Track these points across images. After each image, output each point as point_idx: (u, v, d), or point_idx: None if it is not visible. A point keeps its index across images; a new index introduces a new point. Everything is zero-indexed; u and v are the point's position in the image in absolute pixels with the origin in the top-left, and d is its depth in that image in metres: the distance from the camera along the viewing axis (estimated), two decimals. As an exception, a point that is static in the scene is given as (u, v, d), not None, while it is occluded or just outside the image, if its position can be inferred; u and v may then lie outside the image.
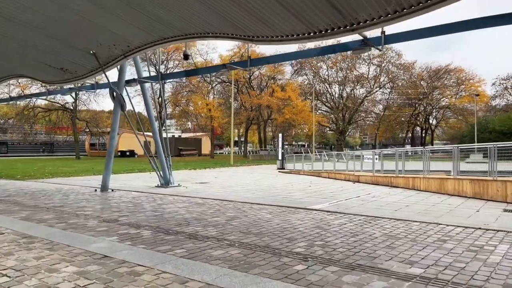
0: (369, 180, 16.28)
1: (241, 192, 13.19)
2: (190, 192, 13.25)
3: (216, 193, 13.01)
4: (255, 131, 70.96)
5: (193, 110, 54.98)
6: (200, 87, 50.65)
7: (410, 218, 8.15)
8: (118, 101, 13.60)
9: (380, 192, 13.17)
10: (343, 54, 61.07)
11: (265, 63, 9.58)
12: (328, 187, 15.24)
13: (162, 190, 13.72)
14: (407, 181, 14.29)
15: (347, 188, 14.55)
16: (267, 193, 13.11)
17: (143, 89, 14.37)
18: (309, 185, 15.75)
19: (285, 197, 11.80)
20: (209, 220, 7.77)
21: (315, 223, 7.54)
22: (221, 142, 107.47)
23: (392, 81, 63.81)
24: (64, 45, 12.32)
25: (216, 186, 15.71)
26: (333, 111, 63.74)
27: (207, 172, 25.13)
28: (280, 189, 14.48)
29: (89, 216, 8.19)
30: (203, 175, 21.79)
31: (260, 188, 14.88)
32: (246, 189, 14.46)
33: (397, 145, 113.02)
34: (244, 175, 21.87)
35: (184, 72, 11.55)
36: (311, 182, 17.48)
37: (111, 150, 13.67)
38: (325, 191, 13.47)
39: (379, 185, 15.61)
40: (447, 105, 64.48)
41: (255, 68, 54.95)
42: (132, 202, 10.47)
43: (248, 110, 52.49)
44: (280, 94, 48.55)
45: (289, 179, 19.09)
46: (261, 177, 20.81)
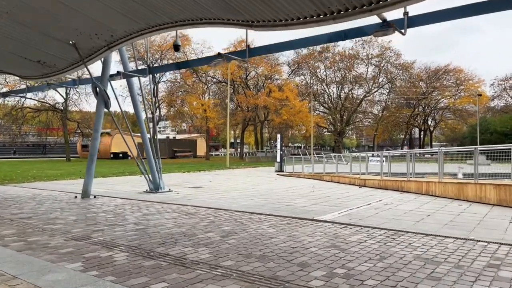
0: (377, 184, 15.03)
1: (238, 199, 11.88)
2: (181, 199, 11.92)
3: (210, 200, 11.69)
4: (252, 132, 69.70)
5: (188, 111, 53.58)
6: (195, 88, 49.28)
7: (439, 232, 6.89)
8: (102, 97, 12.26)
9: (392, 199, 11.91)
10: (341, 53, 60.12)
11: (265, 52, 8.47)
12: (333, 192, 13.96)
13: (151, 197, 12.38)
14: (420, 186, 13.05)
15: (354, 194, 13.28)
16: (267, 199, 11.81)
17: (130, 84, 13.03)
18: (312, 190, 14.46)
19: (288, 205, 10.50)
20: (200, 236, 6.46)
21: (328, 240, 6.25)
22: (217, 143, 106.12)
23: (390, 82, 62.81)
24: (39, 34, 10.97)
25: (211, 191, 14.39)
26: (331, 112, 62.61)
27: (201, 175, 23.80)
28: (281, 194, 13.19)
29: (57, 232, 6.85)
30: (197, 179, 20.46)
31: (258, 193, 13.57)
32: (244, 194, 13.15)
33: (393, 147, 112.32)
34: (240, 179, 20.56)
35: (174, 64, 10.30)
36: (314, 186, 16.20)
37: (93, 152, 12.31)
38: (331, 197, 12.19)
39: (388, 189, 14.36)
40: (447, 106, 63.52)
41: (251, 68, 53.74)
42: (113, 212, 9.13)
43: (245, 110, 51.21)
44: (277, 94, 47.28)
45: (289, 183, 17.80)
46: (259, 180, 19.51)
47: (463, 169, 17.48)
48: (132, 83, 13.00)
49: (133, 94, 13.09)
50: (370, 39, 59.91)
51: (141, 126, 13.52)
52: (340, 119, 61.15)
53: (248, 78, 55.91)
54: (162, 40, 45.32)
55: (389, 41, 60.06)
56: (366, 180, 15.70)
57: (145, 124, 14.77)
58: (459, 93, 62.28)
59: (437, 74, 62.70)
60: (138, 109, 13.30)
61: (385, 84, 63.35)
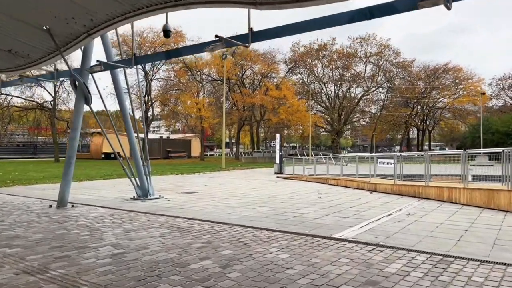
0: (390, 189, 13.61)
1: (238, 208, 10.39)
2: (172, 208, 10.41)
3: (206, 209, 10.20)
4: (247, 132, 68.18)
5: (182, 110, 51.86)
6: (189, 86, 47.65)
7: (494, 257, 5.49)
8: (81, 91, 10.72)
9: (412, 207, 10.49)
10: (339, 51, 58.82)
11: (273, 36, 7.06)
12: (343, 199, 12.52)
13: (137, 205, 10.87)
14: (441, 192, 11.65)
15: (368, 201, 11.85)
16: (270, 208, 10.34)
17: (114, 77, 11.48)
18: (318, 196, 13.01)
19: (296, 216, 9.04)
20: (193, 267, 4.97)
21: (360, 271, 4.80)
22: (212, 143, 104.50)
23: (389, 81, 61.61)
24: (7, 18, 9.42)
25: (206, 197, 12.89)
26: (328, 111, 61.28)
27: (196, 177, 22.27)
28: (285, 202, 11.72)
29: (9, 259, 5.33)
30: (191, 182, 18.94)
31: (260, 200, 12.10)
32: (243, 202, 11.67)
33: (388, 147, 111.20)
34: (238, 182, 19.07)
35: (164, 53, 8.84)
36: (319, 191, 14.76)
37: (71, 154, 10.76)
38: (342, 206, 10.75)
39: (402, 195, 12.95)
40: (446, 105, 62.41)
41: (247, 65, 52.22)
42: (89, 228, 7.61)
43: (240, 109, 49.67)
44: (275, 92, 45.75)
45: (291, 187, 16.35)
46: (258, 184, 18.04)
47: (472, 171, 16.23)
48: (116, 76, 11.46)
49: (118, 88, 11.54)
50: (368, 37, 58.77)
51: (127, 124, 11.99)
52: (338, 118, 59.84)
53: (244, 77, 54.38)
54: (155, 36, 43.69)
55: (387, 39, 58.96)
56: (377, 185, 14.29)
57: (137, 122, 13.29)
58: (459, 92, 61.17)
59: (436, 73, 61.61)
60: (124, 105, 11.76)
61: (384, 83, 62.15)
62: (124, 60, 10.26)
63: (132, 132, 12.08)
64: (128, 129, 12.01)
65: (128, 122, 11.91)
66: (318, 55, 59.75)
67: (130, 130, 11.99)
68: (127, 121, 11.87)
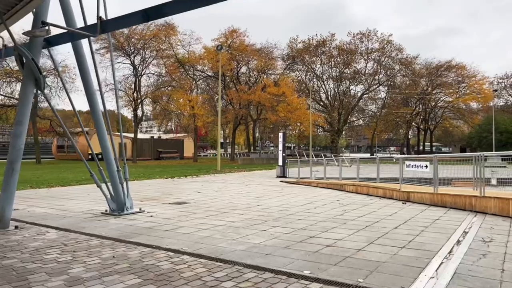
0: (428, 199, 10.94)
1: (243, 229, 7.63)
2: (153, 229, 7.63)
3: (200, 231, 7.43)
4: (243, 131, 65.39)
5: (174, 108, 48.76)
6: (181, 83, 44.65)
7: None
8: (30, 72, 7.89)
9: (477, 228, 7.81)
10: (340, 47, 56.33)
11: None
12: (375, 213, 9.83)
13: (107, 225, 8.07)
14: (505, 205, 8.97)
15: (410, 216, 9.16)
16: (287, 229, 7.60)
17: (77, 51, 8.61)
18: (342, 210, 10.29)
19: (329, 245, 6.31)
20: None
21: None
22: (205, 143, 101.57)
23: (390, 78, 59.16)
24: None
25: (200, 210, 10.11)
26: (328, 110, 58.67)
27: (188, 182, 19.46)
28: (303, 217, 9.00)
29: None
30: (182, 188, 16.14)
31: (269, 215, 9.36)
32: (249, 218, 8.92)
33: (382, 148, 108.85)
34: (238, 188, 16.31)
35: (141, 12, 6.23)
36: (338, 201, 12.05)
37: (14, 158, 7.87)
38: (384, 225, 8.03)
39: (446, 207, 10.28)
40: (449, 103, 60.07)
41: (243, 61, 49.41)
42: (15, 275, 4.80)
43: (236, 108, 46.82)
44: (273, 89, 42.93)
45: (302, 195, 13.62)
46: (262, 191, 15.29)
47: (497, 173, 13.73)
48: (79, 50, 8.60)
49: (82, 66, 8.69)
50: (368, 32, 56.33)
51: (95, 117, 9.16)
52: (338, 117, 57.27)
53: (239, 74, 51.49)
54: (145, 28, 40.71)
55: (389, 35, 56.54)
56: (411, 193, 11.61)
57: (124, 121, 10.54)
58: (463, 90, 58.88)
59: (438, 70, 59.32)
60: (89, 84, 8.90)
61: (385, 81, 59.68)
62: (86, 27, 7.45)
63: (102, 127, 9.27)
64: (98, 123, 9.20)
65: (97, 112, 9.08)
66: (316, 52, 57.15)
67: (99, 125, 9.18)
68: (94, 110, 9.03)
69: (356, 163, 20.50)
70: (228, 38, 44.53)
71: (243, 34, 45.00)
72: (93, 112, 9.10)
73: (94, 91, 8.92)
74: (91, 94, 8.89)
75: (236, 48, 43.77)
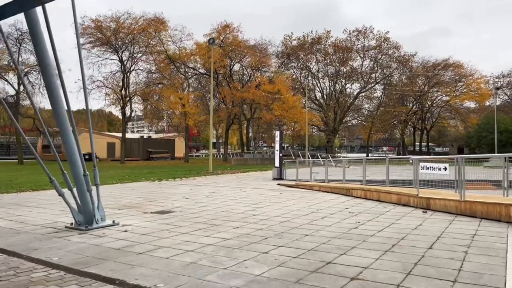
0: (453, 207, 9.38)
1: (238, 252, 6.00)
2: (123, 252, 5.96)
3: (183, 255, 5.78)
4: (235, 131, 63.76)
5: (165, 107, 46.83)
6: (173, 82, 42.77)
7: None
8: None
9: (530, 246, 6.27)
10: (336, 44, 55.04)
11: None
12: (396, 225, 8.26)
13: (67, 244, 6.39)
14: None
15: (440, 230, 7.60)
16: (293, 251, 5.99)
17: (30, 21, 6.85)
18: (356, 221, 8.69)
19: (356, 278, 4.70)
20: None
21: None
22: (198, 144, 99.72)
23: (387, 77, 57.88)
24: None
25: (186, 222, 8.46)
26: (323, 109, 57.18)
27: (176, 185, 17.76)
28: (310, 232, 7.39)
29: None
30: (169, 193, 14.45)
31: (270, 229, 7.74)
32: (245, 234, 7.29)
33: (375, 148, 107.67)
34: (231, 193, 14.65)
35: None
36: (347, 209, 10.46)
37: None
38: (415, 244, 6.45)
39: (477, 217, 8.74)
40: (447, 102, 58.97)
41: (236, 59, 47.71)
42: None
43: (229, 106, 45.10)
44: (268, 86, 41.25)
45: (305, 202, 12.02)
46: (258, 196, 13.65)
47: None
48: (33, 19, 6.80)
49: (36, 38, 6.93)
50: (365, 29, 55.01)
51: (55, 108, 7.44)
52: (333, 116, 55.82)
53: (232, 71, 49.73)
54: (133, 22, 38.86)
55: (386, 32, 55.23)
56: (431, 200, 10.06)
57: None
58: (461, 88, 57.76)
59: (435, 69, 58.19)
60: (48, 71, 7.18)
61: (382, 80, 58.38)
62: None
63: (66, 121, 7.56)
64: (58, 115, 7.48)
65: (58, 101, 7.36)
66: (312, 49, 55.67)
67: (60, 115, 7.46)
68: (54, 99, 7.30)
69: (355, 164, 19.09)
70: (221, 34, 42.75)
71: (236, 29, 43.37)
72: (52, 97, 7.36)
73: (53, 73, 7.19)
74: (50, 76, 7.16)
75: (230, 44, 42.07)
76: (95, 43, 38.38)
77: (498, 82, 64.64)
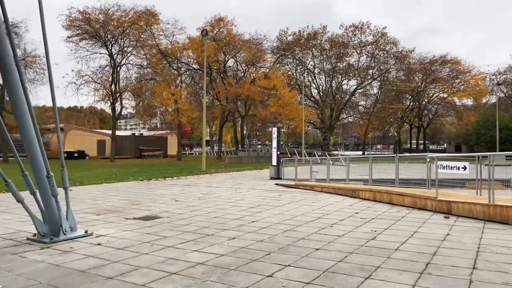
0: (480, 212, 8.20)
1: (234, 274, 4.76)
2: (88, 276, 4.67)
3: (164, 280, 4.52)
4: (230, 128, 62.38)
5: (157, 104, 45.22)
6: (164, 74, 41.28)
7: None
8: None
9: None
10: (332, 39, 53.95)
11: None
12: (421, 236, 7.08)
13: (22, 263, 5.07)
14: None
15: (475, 242, 6.43)
16: (307, 275, 4.76)
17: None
18: (372, 229, 7.48)
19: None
20: None
21: None
22: (191, 141, 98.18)
23: (384, 73, 56.85)
24: None
25: (173, 232, 7.19)
26: (319, 106, 56.02)
27: (166, 185, 16.45)
28: (321, 245, 6.17)
29: None
30: (157, 194, 13.14)
31: (273, 241, 6.51)
32: (242, 247, 6.06)
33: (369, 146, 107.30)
34: (225, 194, 13.39)
35: None
36: (357, 213, 9.25)
37: None
38: (455, 263, 5.25)
39: (510, 224, 7.57)
40: (444, 99, 58.09)
41: (230, 54, 46.32)
42: None
43: (223, 102, 43.72)
44: (263, 82, 39.93)
45: (308, 204, 10.80)
46: (256, 198, 12.40)
47: None
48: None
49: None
50: (361, 25, 53.92)
51: (13, 99, 6.13)
52: (330, 113, 54.71)
53: (226, 67, 48.25)
54: (123, 14, 37.30)
55: (383, 27, 54.15)
56: (452, 203, 8.87)
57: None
58: (458, 85, 56.89)
59: (433, 65, 57.24)
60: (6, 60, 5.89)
61: (379, 77, 57.33)
62: None
63: (26, 116, 6.23)
64: (16, 110, 6.17)
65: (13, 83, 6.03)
66: (308, 45, 54.45)
67: (19, 112, 6.15)
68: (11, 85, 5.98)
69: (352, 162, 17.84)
70: (215, 27, 41.33)
71: (230, 23, 41.94)
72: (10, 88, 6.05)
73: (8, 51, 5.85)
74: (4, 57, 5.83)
75: (225, 37, 40.69)
76: (83, 35, 36.78)
77: (494, 80, 63.96)
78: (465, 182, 11.64)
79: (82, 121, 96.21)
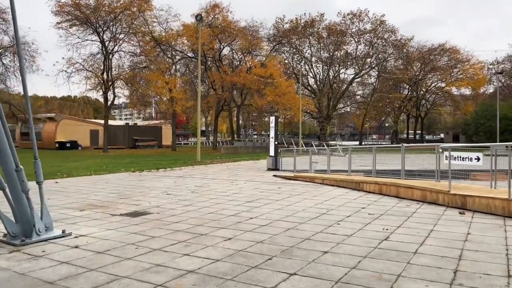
0: (499, 208, 7.51)
1: (231, 286, 4.00)
2: (60, 285, 3.92)
3: (147, 295, 3.78)
4: (225, 118, 61.50)
5: (151, 92, 44.12)
6: (158, 62, 40.18)
7: None
8: None
9: None
10: (330, 27, 52.92)
11: None
12: (439, 235, 6.40)
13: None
14: None
15: (501, 242, 5.75)
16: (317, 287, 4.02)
17: None
18: (383, 227, 6.78)
19: None
20: None
21: None
22: (187, 132, 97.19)
23: (382, 62, 55.98)
24: None
25: (161, 232, 6.44)
26: (316, 95, 55.16)
27: (158, 177, 15.67)
28: (333, 249, 5.46)
29: None
30: (148, 187, 12.37)
31: (274, 242, 5.79)
32: (240, 250, 5.34)
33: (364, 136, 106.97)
34: (220, 187, 12.64)
35: None
36: (364, 208, 8.55)
37: None
38: (487, 271, 4.55)
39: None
40: (443, 88, 57.42)
41: (226, 42, 45.19)
42: None
43: (219, 91, 42.76)
44: (259, 70, 38.97)
45: (309, 198, 10.10)
46: (253, 191, 11.66)
47: None
48: None
49: None
50: (360, 12, 52.85)
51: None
52: (327, 103, 53.91)
53: (221, 56, 47.12)
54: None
55: (382, 15, 53.12)
56: (467, 197, 8.18)
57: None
58: (456, 74, 56.20)
59: (431, 54, 56.43)
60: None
61: (376, 66, 56.44)
62: None
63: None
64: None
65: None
66: (305, 33, 53.35)
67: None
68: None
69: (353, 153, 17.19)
70: (210, 13, 40.15)
71: (226, 9, 40.74)
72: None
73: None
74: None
75: (220, 24, 39.54)
76: (73, 21, 35.51)
77: (493, 69, 63.27)
78: (470, 173, 11.05)
79: (76, 110, 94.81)
